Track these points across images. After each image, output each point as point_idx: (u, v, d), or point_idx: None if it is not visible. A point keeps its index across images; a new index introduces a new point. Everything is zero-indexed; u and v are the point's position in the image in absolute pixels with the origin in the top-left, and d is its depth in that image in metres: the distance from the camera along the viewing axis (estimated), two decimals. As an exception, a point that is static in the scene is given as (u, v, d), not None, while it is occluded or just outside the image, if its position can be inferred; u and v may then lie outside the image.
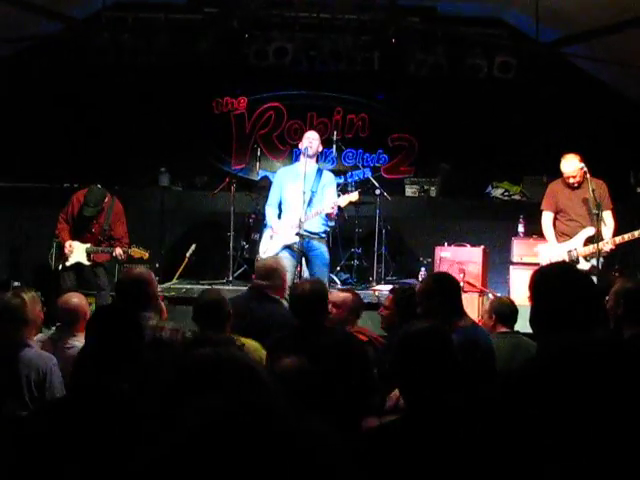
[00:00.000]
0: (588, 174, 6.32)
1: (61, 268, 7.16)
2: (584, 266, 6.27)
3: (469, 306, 7.13)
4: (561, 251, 6.50)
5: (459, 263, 7.38)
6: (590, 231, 6.35)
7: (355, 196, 6.55)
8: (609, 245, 6.28)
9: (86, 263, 7.17)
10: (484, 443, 2.06)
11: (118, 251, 7.08)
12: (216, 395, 0.92)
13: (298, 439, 0.84)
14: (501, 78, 8.95)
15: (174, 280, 8.06)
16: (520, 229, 7.87)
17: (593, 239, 6.27)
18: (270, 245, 6.63)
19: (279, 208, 6.75)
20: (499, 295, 6.44)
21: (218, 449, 0.83)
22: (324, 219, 6.59)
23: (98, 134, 9.43)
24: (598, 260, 6.19)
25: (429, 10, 9.16)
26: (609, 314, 3.23)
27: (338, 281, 8.06)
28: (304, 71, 9.47)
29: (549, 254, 6.54)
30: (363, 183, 9.02)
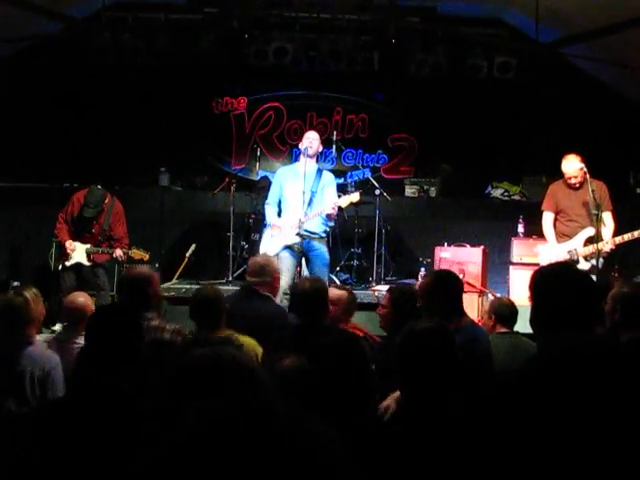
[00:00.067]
0: (588, 175, 6.33)
1: (61, 268, 7.16)
2: (584, 266, 6.27)
3: (469, 306, 7.13)
4: (561, 251, 6.50)
5: (459, 263, 7.37)
6: (590, 231, 6.35)
7: (356, 197, 6.54)
8: (609, 245, 6.28)
9: (86, 263, 7.16)
10: (484, 442, 2.07)
11: (118, 252, 7.07)
12: (215, 395, 0.92)
13: (297, 439, 0.84)
14: (501, 78, 8.95)
15: (174, 280, 8.06)
16: (520, 229, 7.87)
17: (593, 239, 6.27)
18: (270, 245, 6.62)
19: (279, 207, 6.75)
20: (499, 295, 6.44)
21: (217, 449, 0.83)
22: (324, 219, 6.58)
23: (98, 134, 9.43)
24: (598, 260, 6.19)
25: (429, 10, 9.16)
26: (606, 318, 3.22)
27: (338, 281, 8.05)
28: (304, 71, 9.47)
29: (549, 254, 6.54)
30: (363, 183, 9.02)
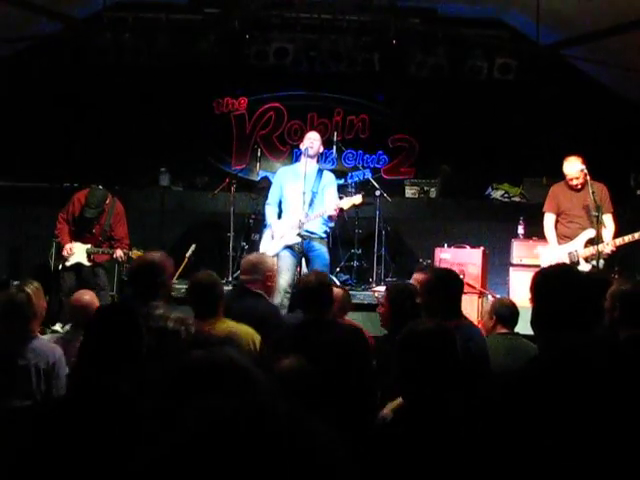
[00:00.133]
0: (588, 177, 6.33)
1: (61, 268, 7.15)
2: (585, 268, 6.27)
3: (468, 307, 7.14)
4: (562, 253, 6.50)
5: (459, 264, 7.37)
6: (591, 233, 6.35)
7: (358, 199, 6.53)
8: (610, 247, 6.28)
9: (86, 264, 7.15)
10: (484, 443, 2.06)
11: (119, 253, 7.06)
12: (212, 396, 0.92)
13: (297, 439, 0.84)
14: (501, 79, 8.95)
15: (174, 280, 8.04)
16: (520, 231, 7.87)
17: (593, 241, 6.27)
18: (270, 245, 6.62)
19: (279, 208, 6.75)
20: (499, 296, 6.43)
21: (217, 449, 0.83)
22: (325, 220, 6.58)
23: (98, 134, 9.43)
24: (598, 262, 6.19)
25: (429, 11, 9.16)
26: (606, 316, 3.23)
27: (338, 282, 8.04)
28: (304, 72, 9.47)
29: (550, 256, 6.54)
30: (363, 184, 9.01)
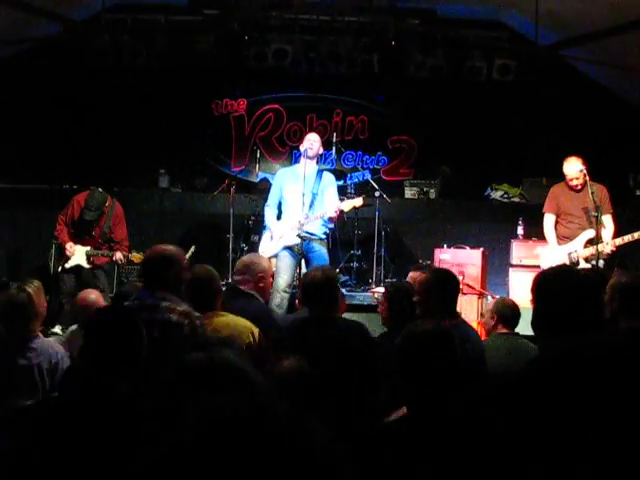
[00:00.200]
0: (588, 177, 6.34)
1: (60, 270, 7.15)
2: (584, 267, 6.27)
3: (468, 308, 7.15)
4: (561, 253, 6.51)
5: (458, 265, 7.38)
6: (590, 233, 6.36)
7: (359, 201, 6.53)
8: (609, 247, 6.29)
9: (86, 266, 7.15)
10: (485, 443, 2.06)
11: (118, 255, 7.06)
12: (212, 397, 0.93)
13: (294, 439, 0.84)
14: (500, 80, 8.95)
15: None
16: (519, 231, 7.87)
17: (593, 241, 6.28)
18: (270, 246, 6.62)
19: (279, 209, 6.75)
20: (498, 297, 6.43)
21: (216, 450, 0.83)
22: (325, 221, 6.59)
23: (98, 136, 9.43)
24: (597, 262, 6.19)
25: (429, 12, 9.16)
26: (606, 308, 3.26)
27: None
28: (304, 73, 9.47)
29: (550, 256, 6.55)
30: (362, 185, 9.02)
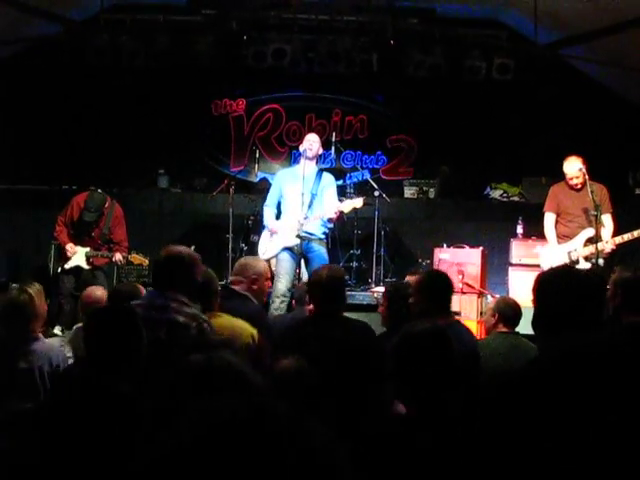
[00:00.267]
0: (587, 176, 6.34)
1: (60, 271, 7.15)
2: (584, 266, 6.27)
3: (467, 307, 7.15)
4: (561, 252, 6.50)
5: (458, 264, 7.38)
6: (590, 232, 6.36)
7: (359, 202, 6.53)
8: (609, 245, 6.29)
9: (85, 267, 7.15)
10: (483, 444, 2.06)
11: (118, 257, 7.07)
12: (211, 398, 0.93)
13: (294, 440, 0.84)
14: (499, 79, 8.95)
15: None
16: (519, 230, 7.87)
17: (593, 240, 6.28)
18: (269, 246, 6.62)
19: (277, 209, 6.75)
20: (498, 296, 6.43)
21: (215, 451, 0.83)
22: (324, 221, 6.59)
23: (97, 136, 9.42)
24: (597, 260, 6.19)
25: (428, 11, 9.16)
26: (608, 303, 3.29)
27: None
28: (303, 73, 9.47)
29: (549, 255, 6.55)
30: (362, 185, 9.01)
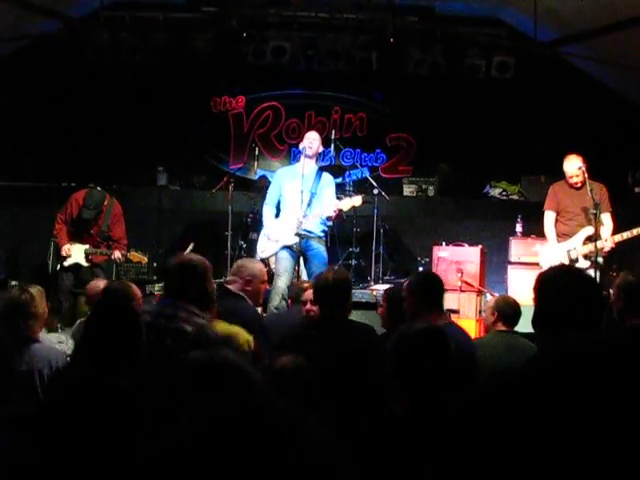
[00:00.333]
0: (586, 175, 6.35)
1: (59, 268, 7.16)
2: (583, 265, 6.28)
3: (466, 305, 7.16)
4: (561, 251, 6.51)
5: (457, 263, 7.38)
6: (589, 230, 6.37)
7: (359, 200, 6.53)
8: (609, 243, 6.29)
9: (84, 264, 7.16)
10: (482, 442, 2.06)
11: (117, 254, 7.08)
12: (211, 395, 0.93)
13: (293, 438, 0.84)
14: (499, 78, 8.95)
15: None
16: (518, 229, 7.88)
17: (592, 238, 6.28)
18: (268, 244, 6.63)
19: (277, 208, 6.75)
20: (497, 294, 6.44)
21: (215, 448, 0.83)
22: (323, 219, 6.59)
23: (96, 133, 9.42)
24: (596, 258, 6.20)
25: (427, 10, 9.16)
26: (612, 307, 3.32)
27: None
28: (302, 70, 9.46)
29: (549, 254, 6.55)
30: (361, 182, 9.02)
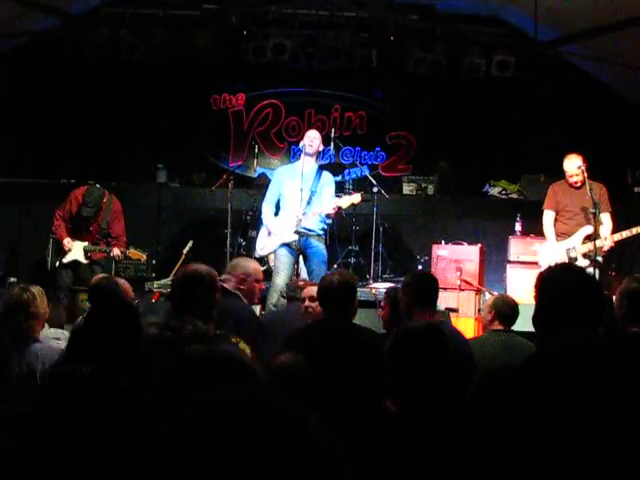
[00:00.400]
0: (586, 174, 6.35)
1: (58, 265, 7.16)
2: (582, 264, 6.28)
3: (465, 304, 7.17)
4: (560, 250, 6.51)
5: (456, 261, 7.39)
6: (589, 230, 6.37)
7: (358, 198, 6.53)
8: (608, 242, 6.30)
9: (83, 261, 7.17)
10: (481, 442, 2.06)
11: (116, 252, 7.09)
12: (212, 390, 0.92)
13: (294, 436, 0.84)
14: (499, 76, 8.95)
15: (171, 277, 8.06)
16: (517, 228, 7.88)
17: (591, 237, 6.29)
18: (267, 242, 6.63)
19: (276, 206, 6.75)
20: (496, 293, 6.43)
21: (216, 445, 0.83)
22: (322, 218, 6.60)
23: (95, 130, 9.40)
24: (595, 257, 6.20)
25: (428, 8, 9.15)
26: (616, 313, 3.33)
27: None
28: (302, 68, 9.45)
29: (548, 253, 6.55)
30: (361, 181, 9.01)
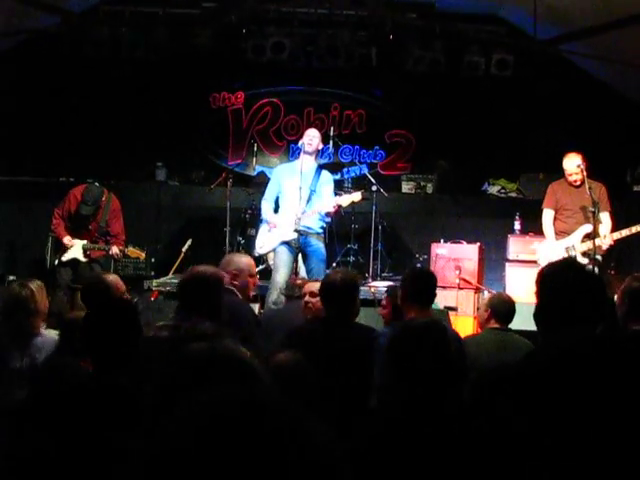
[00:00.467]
0: (585, 173, 6.35)
1: (57, 263, 7.16)
2: (582, 262, 6.28)
3: (464, 302, 7.17)
4: (559, 248, 6.51)
5: (455, 260, 7.39)
6: (588, 228, 6.37)
7: (358, 197, 6.53)
8: (607, 241, 6.30)
9: (82, 259, 7.17)
10: (480, 441, 2.07)
11: (114, 250, 7.09)
12: (213, 389, 0.92)
13: (294, 436, 0.84)
14: (498, 75, 8.95)
15: (170, 275, 8.06)
16: (516, 226, 7.89)
17: (590, 236, 6.29)
18: (267, 240, 6.63)
19: (275, 204, 6.75)
20: (495, 292, 6.44)
21: (216, 444, 0.82)
22: (322, 216, 6.60)
23: (95, 128, 9.40)
24: (594, 256, 6.21)
25: (427, 6, 9.14)
26: (618, 311, 3.36)
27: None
28: (301, 66, 9.45)
29: (547, 251, 6.56)
30: (360, 179, 9.01)
